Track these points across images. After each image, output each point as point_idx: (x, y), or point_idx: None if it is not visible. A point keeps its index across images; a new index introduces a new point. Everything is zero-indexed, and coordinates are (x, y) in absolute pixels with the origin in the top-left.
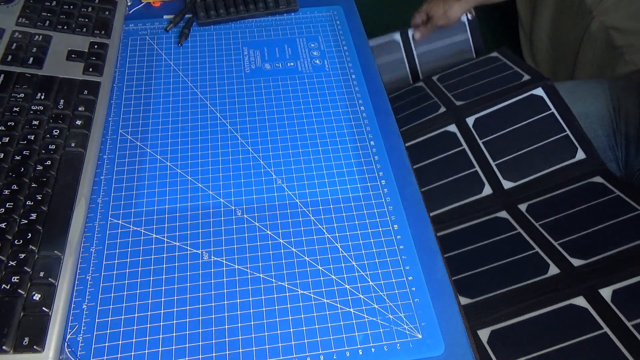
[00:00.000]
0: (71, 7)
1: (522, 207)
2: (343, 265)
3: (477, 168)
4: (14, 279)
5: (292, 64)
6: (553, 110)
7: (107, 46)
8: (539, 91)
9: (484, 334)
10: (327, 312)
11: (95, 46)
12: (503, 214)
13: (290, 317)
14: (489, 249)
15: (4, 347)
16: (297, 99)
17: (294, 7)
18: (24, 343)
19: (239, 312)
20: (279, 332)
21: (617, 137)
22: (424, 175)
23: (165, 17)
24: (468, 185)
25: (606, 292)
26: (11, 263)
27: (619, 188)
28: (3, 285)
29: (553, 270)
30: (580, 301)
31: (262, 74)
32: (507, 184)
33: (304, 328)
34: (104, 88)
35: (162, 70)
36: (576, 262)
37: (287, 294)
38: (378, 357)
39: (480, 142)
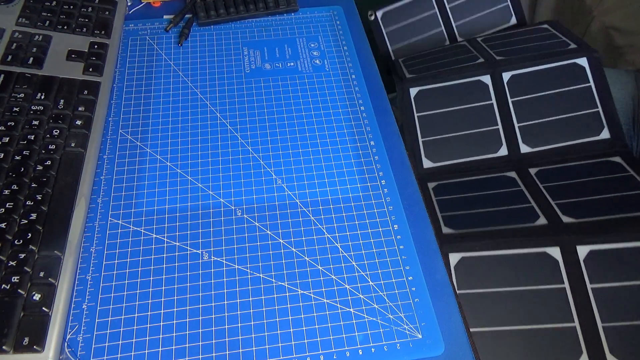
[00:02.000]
0: (71, 7)
1: (533, 170)
2: (343, 265)
3: (500, 126)
4: (14, 279)
5: (292, 64)
6: (591, 83)
7: (107, 46)
8: (582, 61)
9: (454, 257)
10: (327, 312)
11: (95, 46)
12: (512, 174)
13: (290, 317)
14: (486, 197)
15: (4, 347)
16: (297, 99)
17: (294, 7)
18: (24, 343)
19: (239, 312)
20: (279, 332)
21: (636, 127)
22: (445, 122)
23: (165, 17)
24: (486, 142)
25: (583, 250)
26: (11, 263)
27: (636, 170)
28: (3, 285)
29: (541, 221)
30: (554, 251)
31: (262, 74)
32: (524, 149)
33: (304, 328)
34: (104, 88)
35: (162, 70)
36: (566, 219)
37: (287, 294)
38: (378, 357)
39: (510, 100)
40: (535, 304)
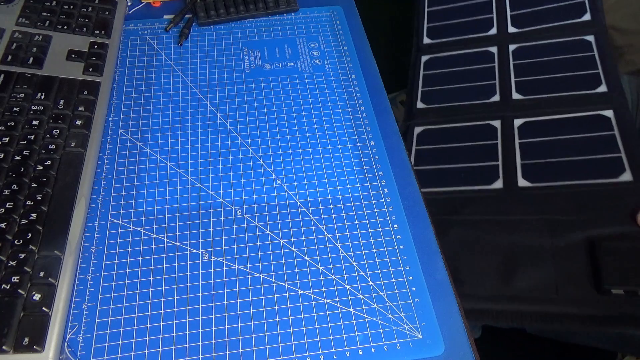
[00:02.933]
0: (71, 7)
1: (517, 122)
2: (343, 265)
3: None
4: (14, 279)
5: (292, 64)
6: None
7: (107, 46)
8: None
9: (417, 130)
10: (327, 312)
11: (95, 46)
12: (496, 123)
13: (290, 317)
14: (463, 73)
15: (4, 347)
16: (297, 99)
17: (294, 7)
18: (24, 343)
19: (239, 312)
20: (279, 332)
21: None
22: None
23: (165, 17)
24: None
25: (518, 122)
26: (11, 263)
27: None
28: (3, 285)
29: (495, 98)
30: (496, 123)
31: (262, 74)
32: (515, 95)
33: (304, 328)
34: (104, 88)
35: (162, 70)
36: (515, 96)
37: (287, 294)
38: (378, 357)
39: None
40: (473, 155)
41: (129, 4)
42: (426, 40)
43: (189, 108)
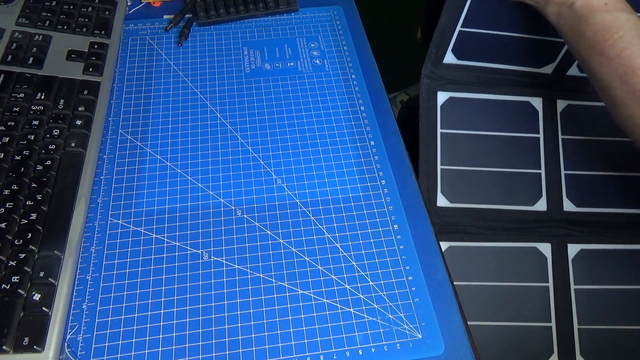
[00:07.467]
0: (71, 7)
1: (560, 104)
2: (343, 265)
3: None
4: (14, 279)
5: (292, 64)
6: None
7: (107, 46)
8: None
9: (444, 245)
10: (327, 312)
11: (95, 46)
12: (537, 101)
13: (290, 317)
14: (497, 140)
15: (4, 347)
16: (297, 99)
17: (294, 7)
18: (24, 343)
19: (239, 312)
20: (279, 332)
21: None
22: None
23: (165, 17)
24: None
25: (573, 249)
26: (11, 263)
27: None
28: (3, 285)
29: (541, 205)
30: (545, 248)
31: (262, 74)
32: (568, 205)
33: (304, 328)
34: (104, 88)
35: (162, 70)
36: (567, 205)
37: (287, 294)
38: (378, 357)
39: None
40: (518, 302)
41: (129, 4)
42: (448, 59)
43: (189, 108)
